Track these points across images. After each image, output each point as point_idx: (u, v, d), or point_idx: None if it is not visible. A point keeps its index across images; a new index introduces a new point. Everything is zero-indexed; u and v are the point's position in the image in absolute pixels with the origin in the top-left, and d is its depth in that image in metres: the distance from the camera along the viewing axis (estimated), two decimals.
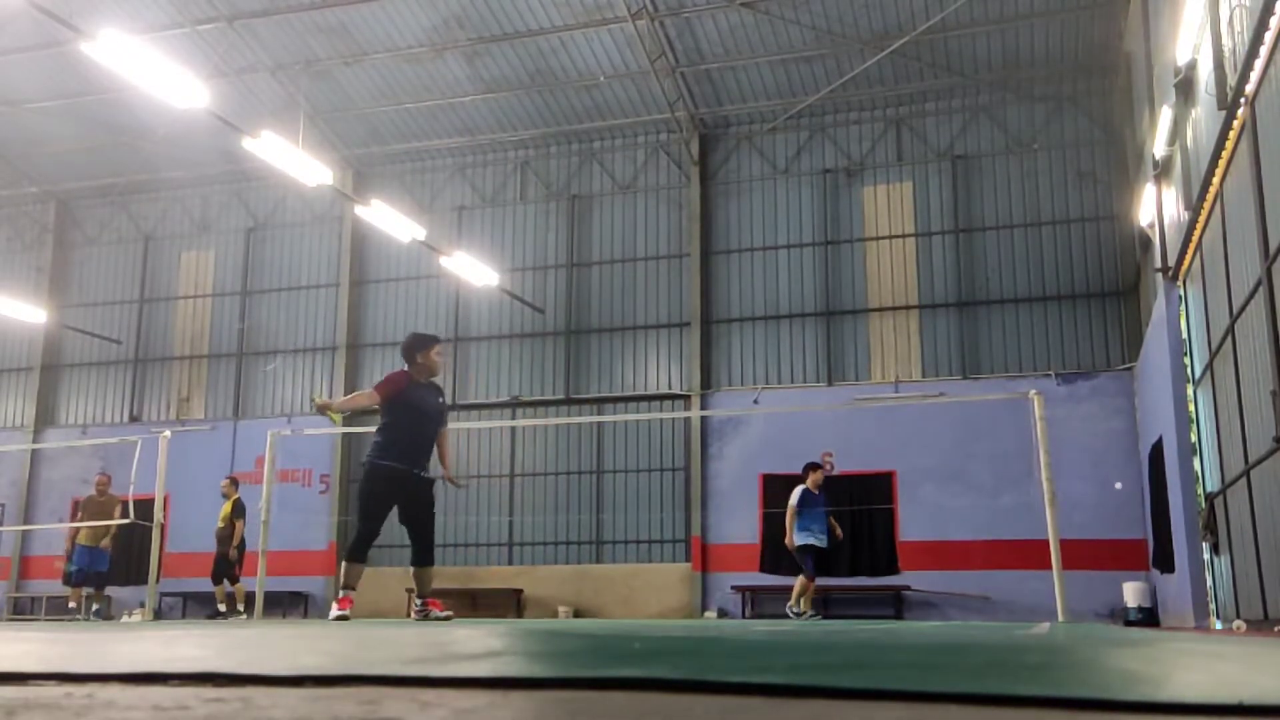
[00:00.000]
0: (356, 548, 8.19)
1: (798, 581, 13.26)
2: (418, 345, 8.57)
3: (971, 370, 17.96)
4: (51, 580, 21.39)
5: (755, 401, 18.72)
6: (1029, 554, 15.22)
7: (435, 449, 8.53)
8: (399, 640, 3.10)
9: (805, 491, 13.26)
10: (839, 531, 13.79)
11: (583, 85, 19.28)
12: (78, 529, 15.43)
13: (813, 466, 13.60)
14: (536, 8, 17.65)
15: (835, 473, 17.95)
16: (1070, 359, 17.64)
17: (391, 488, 8.19)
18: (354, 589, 8.15)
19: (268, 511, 13.10)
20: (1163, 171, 13.30)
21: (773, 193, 19.58)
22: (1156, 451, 14.49)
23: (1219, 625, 11.13)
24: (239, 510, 15.01)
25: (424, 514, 8.33)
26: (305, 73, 19.23)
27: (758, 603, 17.82)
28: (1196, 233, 11.43)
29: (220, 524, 15.09)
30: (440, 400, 8.66)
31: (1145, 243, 15.79)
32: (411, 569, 8.36)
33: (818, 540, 13.08)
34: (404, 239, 18.32)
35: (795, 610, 13.16)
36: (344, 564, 8.25)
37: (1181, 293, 12.95)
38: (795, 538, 13.11)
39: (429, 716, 1.14)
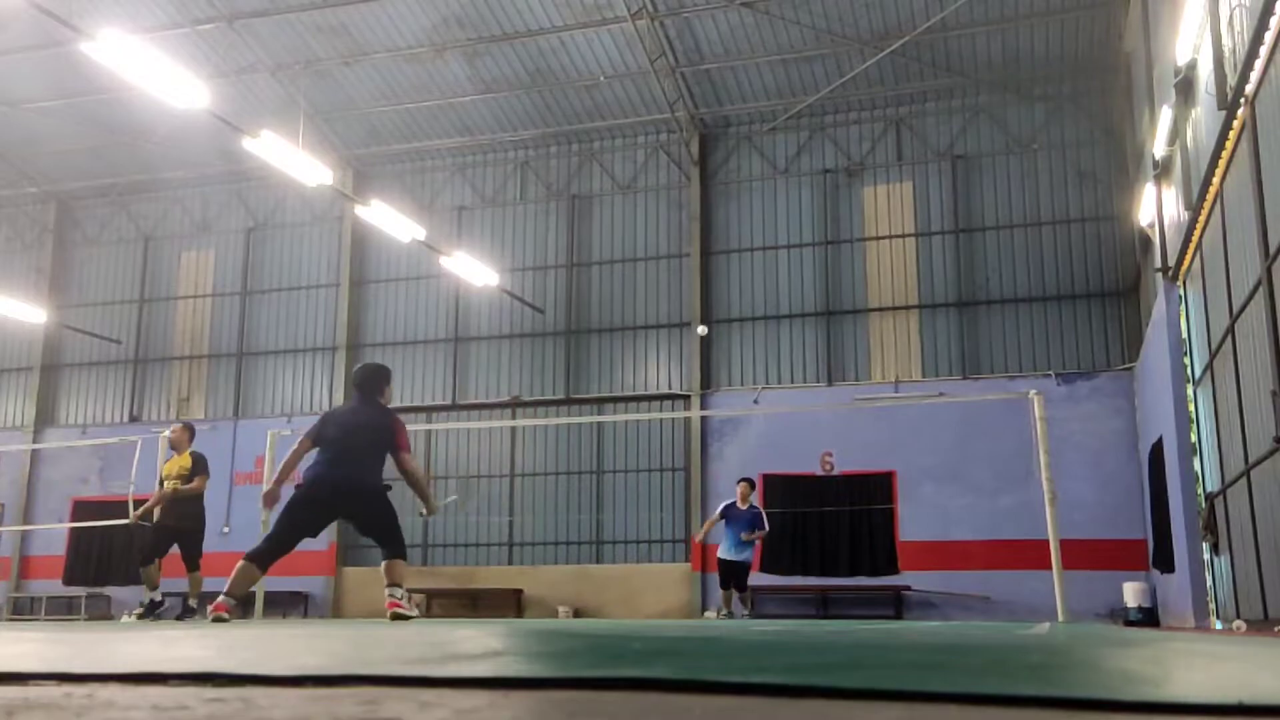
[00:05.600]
0: None
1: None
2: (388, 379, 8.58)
3: (971, 370, 17.95)
4: (52, 580, 21.41)
5: (755, 401, 18.71)
6: (1029, 554, 15.22)
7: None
8: (399, 640, 3.10)
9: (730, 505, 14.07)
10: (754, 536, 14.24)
11: (583, 85, 19.28)
12: None
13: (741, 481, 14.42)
14: (536, 8, 17.65)
15: (835, 473, 17.99)
16: (1070, 359, 17.63)
17: None
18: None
19: (268, 512, 13.07)
20: (1163, 171, 13.29)
21: (773, 193, 19.57)
22: (1156, 451, 14.48)
23: (1219, 625, 11.12)
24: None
25: None
26: (305, 73, 19.23)
27: (758, 603, 17.78)
28: (1196, 233, 11.42)
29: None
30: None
31: (1145, 243, 15.78)
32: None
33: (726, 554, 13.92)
34: (404, 239, 18.30)
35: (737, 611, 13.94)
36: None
37: (1181, 293, 12.94)
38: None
39: (429, 716, 1.14)
